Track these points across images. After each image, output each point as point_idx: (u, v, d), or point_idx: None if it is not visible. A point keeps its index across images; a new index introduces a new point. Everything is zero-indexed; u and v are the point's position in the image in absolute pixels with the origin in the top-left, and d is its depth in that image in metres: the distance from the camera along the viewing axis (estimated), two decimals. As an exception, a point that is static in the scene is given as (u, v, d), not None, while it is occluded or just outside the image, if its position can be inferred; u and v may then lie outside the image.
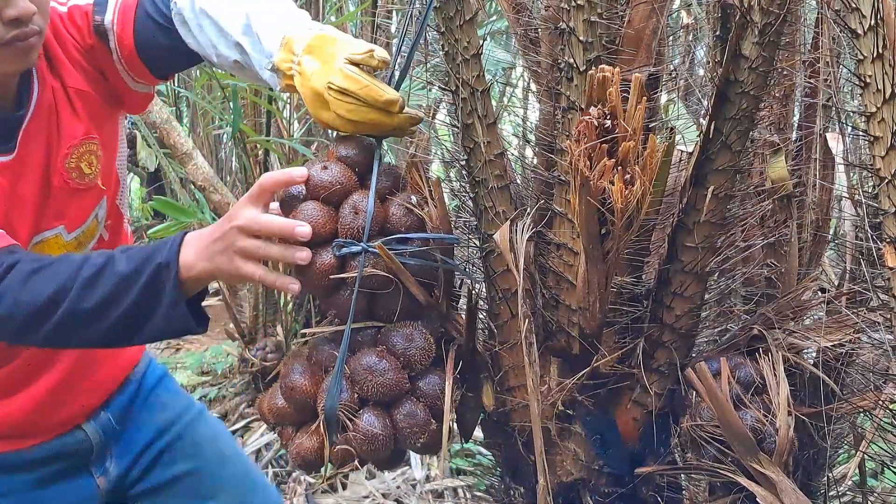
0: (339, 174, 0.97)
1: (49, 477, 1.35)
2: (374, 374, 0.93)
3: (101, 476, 1.41)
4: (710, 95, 1.28)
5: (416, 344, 0.95)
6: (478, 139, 1.41)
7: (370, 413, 0.94)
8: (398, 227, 0.97)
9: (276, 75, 1.12)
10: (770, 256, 1.52)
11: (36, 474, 1.34)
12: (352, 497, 3.00)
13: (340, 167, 0.98)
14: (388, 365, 0.93)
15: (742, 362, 1.36)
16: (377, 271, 0.94)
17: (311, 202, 0.97)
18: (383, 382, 0.93)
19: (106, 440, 1.40)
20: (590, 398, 1.41)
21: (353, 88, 1.01)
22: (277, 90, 1.16)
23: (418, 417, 0.95)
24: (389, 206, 1.01)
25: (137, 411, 1.47)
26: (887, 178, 0.93)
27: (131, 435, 1.44)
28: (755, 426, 1.26)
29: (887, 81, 0.91)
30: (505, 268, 1.43)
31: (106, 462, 1.42)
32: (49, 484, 1.36)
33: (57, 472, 1.36)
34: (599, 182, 1.07)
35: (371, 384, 0.93)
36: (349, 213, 0.94)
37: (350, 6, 4.60)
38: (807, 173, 1.55)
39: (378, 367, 0.93)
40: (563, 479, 1.44)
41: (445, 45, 1.38)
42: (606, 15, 1.32)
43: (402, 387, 0.95)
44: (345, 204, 0.95)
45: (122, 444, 1.43)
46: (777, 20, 1.17)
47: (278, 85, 1.14)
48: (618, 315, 1.39)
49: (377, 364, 0.93)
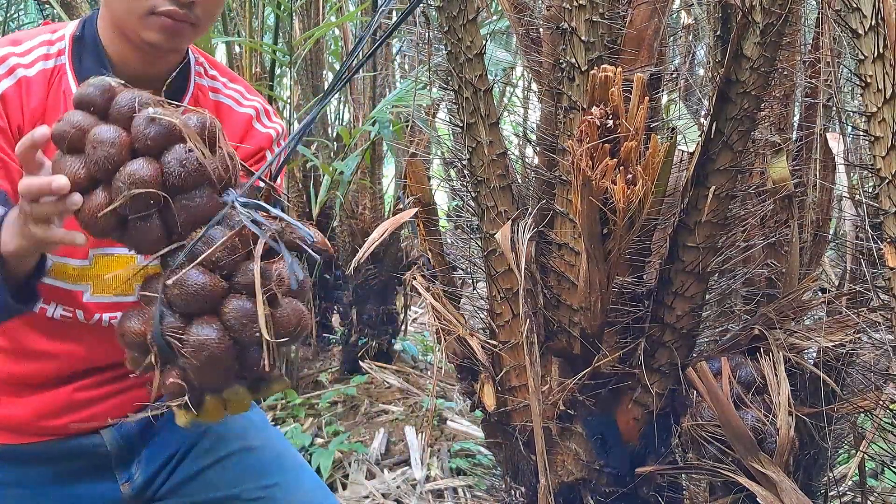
0: (76, 120, 0.95)
1: (67, 473, 1.34)
2: (181, 286, 0.90)
3: (126, 482, 1.38)
4: (712, 95, 1.29)
5: (216, 243, 0.93)
6: (480, 139, 1.41)
7: (196, 324, 0.91)
8: (143, 139, 0.94)
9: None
10: (771, 256, 1.52)
11: (54, 468, 1.33)
12: (352, 497, 3.00)
13: (78, 113, 0.96)
14: (192, 272, 0.91)
15: (743, 362, 1.36)
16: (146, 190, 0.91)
17: (67, 155, 0.95)
18: (190, 291, 0.90)
19: (128, 447, 1.38)
20: (591, 398, 1.41)
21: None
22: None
23: (246, 308, 0.92)
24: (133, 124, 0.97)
25: (171, 417, 1.45)
26: (888, 178, 0.93)
27: (161, 442, 1.42)
28: (756, 426, 1.27)
29: (888, 81, 0.91)
30: (506, 267, 1.43)
31: (132, 468, 1.39)
32: (68, 481, 1.34)
33: (76, 470, 1.34)
34: (601, 182, 1.07)
35: (180, 297, 0.91)
36: (90, 148, 0.92)
37: (350, 6, 4.60)
38: (807, 173, 1.55)
39: (179, 279, 0.91)
40: (564, 479, 1.44)
41: (448, 45, 1.38)
42: (608, 15, 1.32)
43: (216, 288, 0.92)
44: (86, 141, 0.93)
45: (151, 451, 1.41)
46: (779, 20, 1.17)
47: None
48: (619, 315, 1.39)
49: (182, 277, 0.91)
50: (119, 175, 0.92)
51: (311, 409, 3.88)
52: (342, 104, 4.80)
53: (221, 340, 0.90)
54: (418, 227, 1.70)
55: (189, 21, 1.19)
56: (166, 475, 1.41)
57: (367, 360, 4.32)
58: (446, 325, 1.54)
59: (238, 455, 1.45)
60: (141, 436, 1.39)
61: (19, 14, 5.19)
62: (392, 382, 4.13)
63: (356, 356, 4.35)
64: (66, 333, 1.27)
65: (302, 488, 1.46)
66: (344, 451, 3.28)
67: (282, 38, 4.02)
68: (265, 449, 1.48)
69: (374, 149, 4.05)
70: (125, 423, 1.36)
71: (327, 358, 4.80)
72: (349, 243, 4.37)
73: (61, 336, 1.27)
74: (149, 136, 0.93)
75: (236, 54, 4.03)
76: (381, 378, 4.16)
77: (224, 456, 1.44)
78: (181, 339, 0.90)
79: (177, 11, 1.17)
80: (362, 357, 4.33)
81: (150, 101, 0.96)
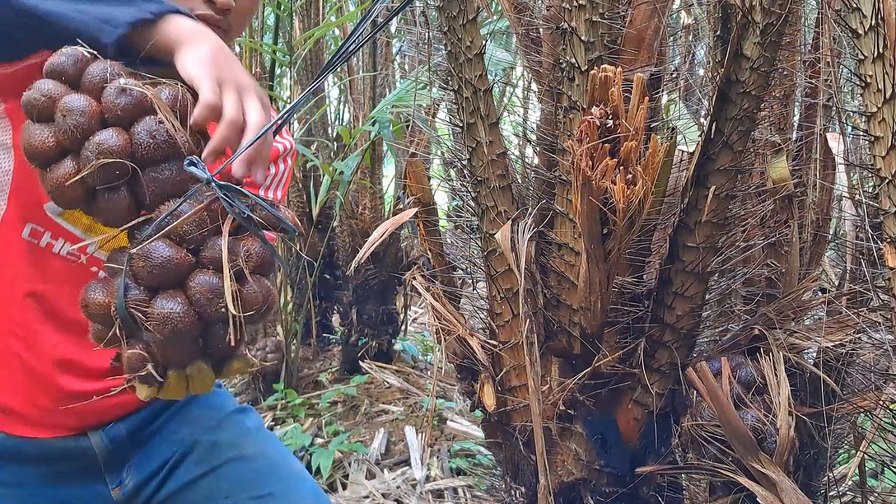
0: (46, 88, 0.94)
1: (57, 475, 1.34)
2: (147, 258, 0.89)
3: (117, 487, 1.38)
4: (712, 95, 1.28)
5: (182, 216, 0.92)
6: (480, 139, 1.41)
7: (161, 297, 0.90)
8: (113, 110, 0.93)
9: None
10: (771, 256, 1.52)
11: (45, 469, 1.33)
12: (352, 497, 3.00)
13: (49, 82, 0.95)
14: (159, 244, 0.90)
15: (743, 362, 1.36)
16: (113, 159, 0.90)
17: (36, 124, 0.94)
18: (155, 264, 0.89)
19: (118, 450, 1.38)
20: (591, 398, 1.41)
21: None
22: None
23: (212, 283, 0.91)
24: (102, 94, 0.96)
25: (164, 424, 1.44)
26: (888, 178, 0.93)
27: (153, 448, 1.41)
28: (756, 426, 1.27)
29: (888, 81, 0.91)
30: (506, 267, 1.43)
31: (122, 472, 1.39)
32: (59, 482, 1.34)
33: (65, 472, 1.34)
34: (601, 182, 1.07)
35: (145, 270, 0.89)
36: (60, 117, 0.92)
37: (350, 6, 4.60)
38: (807, 173, 1.55)
39: (145, 252, 0.90)
40: (564, 479, 1.44)
41: (448, 45, 1.38)
42: (608, 15, 1.32)
43: (182, 261, 0.90)
44: (56, 110, 0.92)
45: (142, 456, 1.41)
46: (779, 20, 1.17)
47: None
48: (619, 315, 1.39)
49: (148, 249, 0.90)
50: (88, 144, 0.91)
51: (311, 409, 3.88)
52: (342, 104, 4.80)
53: (186, 315, 0.88)
54: (418, 227, 1.70)
55: (222, 27, 1.21)
56: (158, 482, 1.41)
57: (367, 360, 4.32)
58: (446, 325, 1.54)
59: (232, 464, 1.43)
60: (131, 440, 1.39)
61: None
62: (392, 382, 4.13)
63: (356, 356, 4.36)
64: (70, 277, 1.25)
65: (298, 498, 1.45)
66: (344, 451, 3.28)
67: (282, 38, 4.02)
68: (260, 458, 1.46)
69: (374, 149, 4.05)
70: (114, 426, 1.37)
71: (327, 358, 4.80)
72: (349, 243, 4.38)
73: (66, 281, 1.25)
74: (119, 106, 0.92)
75: (236, 54, 4.03)
76: (381, 378, 4.17)
77: (218, 465, 1.42)
78: (145, 313, 0.88)
79: (212, 16, 1.19)
80: (362, 357, 4.33)
81: (122, 73, 0.95)
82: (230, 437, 1.47)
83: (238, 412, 1.53)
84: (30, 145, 0.93)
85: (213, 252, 0.91)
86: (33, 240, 1.24)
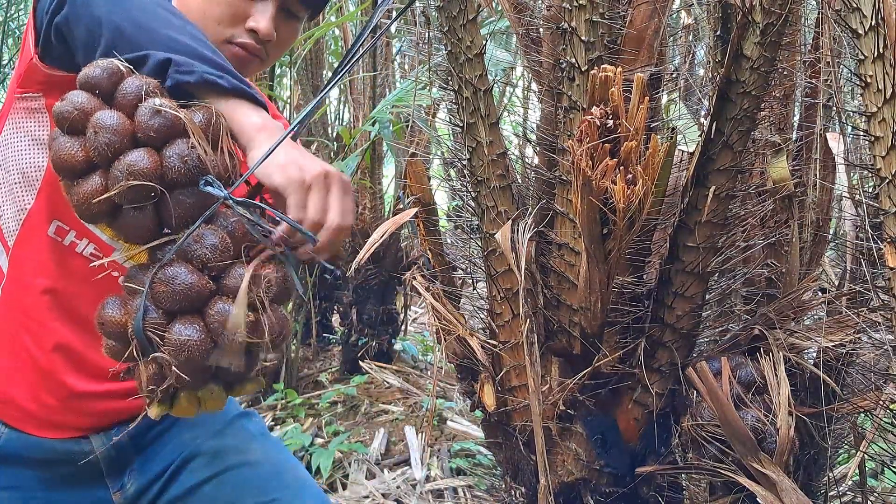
0: (79, 101, 0.94)
1: (57, 479, 1.33)
2: (167, 283, 0.89)
3: (118, 491, 1.38)
4: (712, 95, 1.29)
5: (207, 242, 0.91)
6: (480, 139, 1.41)
7: (178, 323, 0.90)
8: (146, 130, 0.92)
9: None
10: (771, 256, 1.52)
11: (45, 473, 1.32)
12: (352, 497, 3.00)
13: (83, 94, 0.95)
14: (181, 270, 0.90)
15: (743, 362, 1.36)
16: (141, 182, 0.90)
17: (66, 136, 0.94)
18: (177, 290, 0.89)
19: (119, 455, 1.37)
20: (591, 398, 1.41)
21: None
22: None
23: (230, 312, 0.91)
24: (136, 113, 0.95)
25: (167, 428, 1.44)
26: (888, 178, 0.93)
27: (155, 453, 1.40)
28: (756, 426, 1.27)
29: (888, 81, 0.91)
30: (506, 267, 1.43)
31: (124, 477, 1.38)
32: (59, 486, 1.33)
33: (66, 475, 1.33)
34: (601, 182, 1.07)
35: (166, 294, 0.89)
36: (92, 133, 0.91)
37: (350, 6, 4.60)
38: (807, 173, 1.55)
39: (168, 276, 0.89)
40: (564, 479, 1.44)
41: (448, 45, 1.38)
42: (608, 15, 1.32)
43: (203, 289, 0.89)
44: (88, 124, 0.92)
45: (145, 460, 1.40)
46: (779, 20, 1.17)
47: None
48: (619, 315, 1.39)
49: (169, 273, 0.90)
50: (118, 163, 0.91)
51: (311, 409, 3.88)
52: (342, 104, 4.80)
53: (202, 343, 0.88)
54: (418, 227, 1.70)
55: (260, 57, 1.25)
56: (160, 488, 1.40)
57: (367, 360, 4.32)
58: (446, 325, 1.54)
59: (236, 470, 1.43)
60: (133, 443, 1.38)
61: (19, 14, 5.19)
62: (392, 382, 4.13)
63: (356, 356, 4.35)
64: (90, 277, 1.24)
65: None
66: (344, 451, 3.28)
67: (282, 38, 4.01)
68: (264, 464, 1.46)
69: (374, 149, 4.05)
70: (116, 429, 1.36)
71: (327, 358, 4.80)
72: (349, 243, 4.38)
73: (85, 280, 1.25)
74: (152, 127, 0.92)
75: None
76: (381, 378, 4.17)
77: (221, 471, 1.42)
78: (162, 337, 0.89)
79: (253, 45, 1.23)
80: (362, 357, 4.33)
81: (157, 91, 0.95)
82: (234, 443, 1.46)
83: (241, 416, 1.53)
84: (58, 157, 0.93)
85: (234, 281, 0.91)
86: (57, 237, 1.25)
